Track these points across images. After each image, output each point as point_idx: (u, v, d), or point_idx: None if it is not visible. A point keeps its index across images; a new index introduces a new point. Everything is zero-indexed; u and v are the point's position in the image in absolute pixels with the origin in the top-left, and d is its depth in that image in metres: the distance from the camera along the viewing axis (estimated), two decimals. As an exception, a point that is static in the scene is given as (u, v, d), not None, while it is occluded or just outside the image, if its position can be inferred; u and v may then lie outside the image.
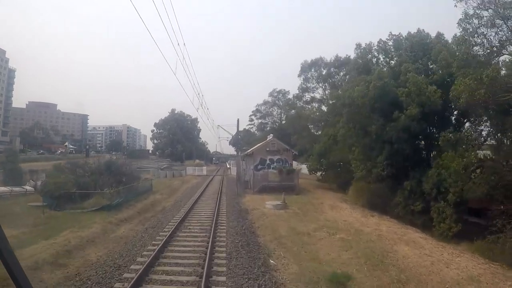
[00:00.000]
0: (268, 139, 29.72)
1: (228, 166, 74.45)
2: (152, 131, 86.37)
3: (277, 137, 34.32)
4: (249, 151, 30.13)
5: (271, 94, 74.33)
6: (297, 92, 43.30)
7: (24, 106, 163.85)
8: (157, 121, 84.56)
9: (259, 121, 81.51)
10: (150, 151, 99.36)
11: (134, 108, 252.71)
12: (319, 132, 40.34)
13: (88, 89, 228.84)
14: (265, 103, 74.17)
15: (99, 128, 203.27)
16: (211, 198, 24.07)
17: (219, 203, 20.96)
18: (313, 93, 44.01)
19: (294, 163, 32.93)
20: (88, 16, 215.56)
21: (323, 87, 42.97)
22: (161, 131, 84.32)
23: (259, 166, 28.20)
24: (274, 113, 74.65)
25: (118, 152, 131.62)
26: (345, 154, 31.33)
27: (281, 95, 73.97)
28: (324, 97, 42.78)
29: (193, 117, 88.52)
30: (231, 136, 65.62)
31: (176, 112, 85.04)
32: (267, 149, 28.33)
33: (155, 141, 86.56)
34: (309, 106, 43.54)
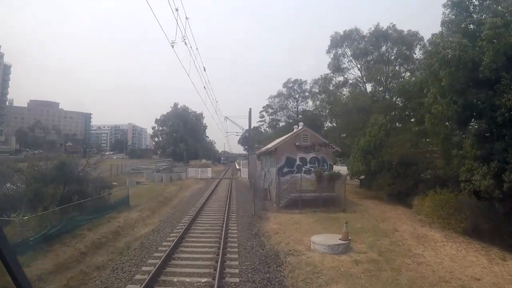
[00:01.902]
0: (297, 130, 20.28)
1: (237, 167, 65.14)
2: (153, 128, 77.66)
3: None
4: (270, 146, 20.65)
5: (285, 85, 64.90)
6: (327, 72, 33.66)
7: (25, 105, 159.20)
8: (158, 117, 75.67)
9: (271, 117, 72.41)
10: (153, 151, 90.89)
11: (138, 107, 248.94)
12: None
13: (90, 89, 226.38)
14: (279, 95, 64.63)
15: (104, 127, 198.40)
16: (214, 220, 14.90)
17: (225, 234, 11.81)
18: (343, 75, 34.39)
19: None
20: (88, 17, 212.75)
21: (359, 66, 33.46)
22: (162, 128, 75.42)
23: (286, 169, 18.90)
24: (290, 106, 65.19)
25: (121, 151, 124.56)
26: (406, 150, 22.09)
27: (297, 85, 64.65)
28: (360, 78, 33.19)
29: (198, 112, 79.56)
30: (241, 131, 56.41)
31: (179, 106, 75.99)
32: (297, 143, 19.03)
33: (156, 139, 77.58)
34: (339, 91, 33.97)
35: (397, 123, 25.90)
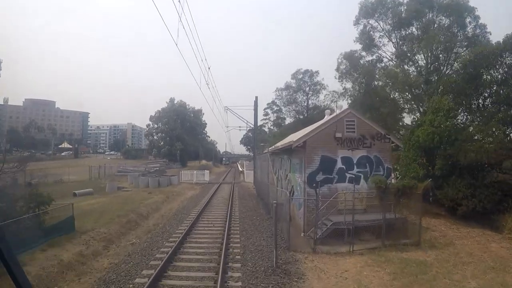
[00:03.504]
0: (338, 114, 12.87)
1: (240, 169, 57.78)
2: (148, 125, 70.36)
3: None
4: (293, 139, 13.00)
5: (294, 76, 57.78)
6: (354, 49, 26.21)
7: (21, 104, 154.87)
8: (153, 114, 68.36)
9: (276, 115, 65.29)
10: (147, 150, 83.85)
11: (138, 107, 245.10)
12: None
13: (90, 89, 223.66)
14: (287, 87, 57.50)
15: (103, 127, 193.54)
16: (202, 277, 7.76)
17: None
18: (374, 52, 27.00)
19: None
20: (88, 18, 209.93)
21: (395, 41, 26.23)
22: (157, 125, 68.08)
23: (320, 176, 11.71)
24: (299, 100, 57.98)
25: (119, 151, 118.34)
26: (496, 145, 15.05)
27: (307, 76, 57.54)
28: (397, 57, 25.86)
29: (196, 108, 72.19)
30: (244, 126, 49.03)
31: (175, 102, 68.59)
32: (337, 135, 11.86)
33: (150, 138, 70.27)
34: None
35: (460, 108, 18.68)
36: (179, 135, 64.59)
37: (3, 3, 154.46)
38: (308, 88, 57.82)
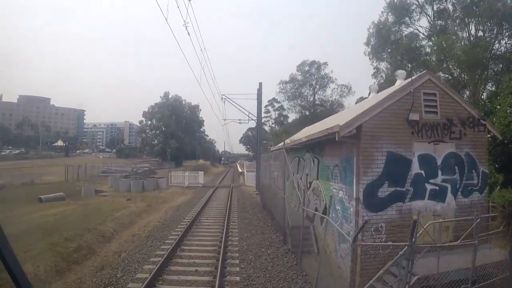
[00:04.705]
0: (407, 81, 7.84)
1: (240, 170, 52.62)
2: (140, 122, 65.06)
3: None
4: (342, 122, 7.68)
5: (299, 69, 52.94)
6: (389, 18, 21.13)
7: (15, 101, 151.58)
8: (146, 109, 63.05)
9: (278, 112, 60.47)
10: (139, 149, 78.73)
11: (136, 105, 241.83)
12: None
13: (88, 88, 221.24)
14: (292, 80, 52.56)
15: (99, 125, 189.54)
16: None
17: None
18: (399, 33, 21.87)
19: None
20: (88, 18, 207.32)
21: (432, 14, 21.22)
22: (151, 121, 62.82)
23: (385, 189, 6.72)
24: (305, 93, 53.03)
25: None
26: None
27: (314, 68, 52.56)
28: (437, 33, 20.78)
29: (193, 104, 66.76)
30: (244, 116, 43.93)
31: (170, 96, 63.28)
32: (413, 117, 6.91)
33: (143, 135, 64.98)
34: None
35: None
36: (174, 132, 59.45)
37: (3, 3, 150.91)
38: (315, 82, 53.00)
